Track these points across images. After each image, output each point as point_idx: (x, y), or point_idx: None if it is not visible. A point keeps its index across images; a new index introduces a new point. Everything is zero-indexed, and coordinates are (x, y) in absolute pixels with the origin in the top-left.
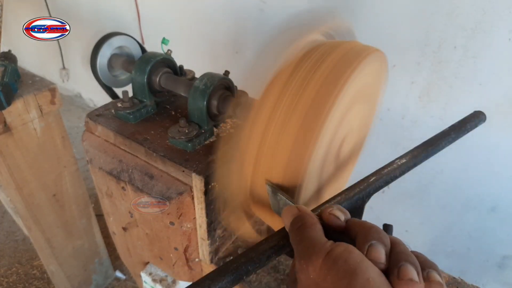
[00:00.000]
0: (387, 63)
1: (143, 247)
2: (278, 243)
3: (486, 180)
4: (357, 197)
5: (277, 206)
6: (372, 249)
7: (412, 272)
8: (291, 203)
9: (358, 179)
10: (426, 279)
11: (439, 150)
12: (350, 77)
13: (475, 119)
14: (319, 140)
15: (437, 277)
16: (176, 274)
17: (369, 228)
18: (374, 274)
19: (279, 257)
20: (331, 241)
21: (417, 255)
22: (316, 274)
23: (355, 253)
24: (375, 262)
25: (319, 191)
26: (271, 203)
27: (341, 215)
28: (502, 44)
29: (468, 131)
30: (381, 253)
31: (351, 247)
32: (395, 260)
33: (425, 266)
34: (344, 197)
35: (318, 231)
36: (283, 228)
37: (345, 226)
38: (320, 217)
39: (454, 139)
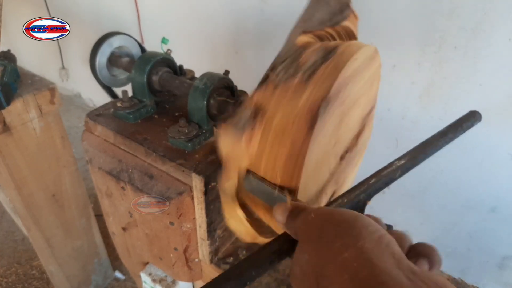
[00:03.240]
0: (373, 54)
1: (142, 247)
2: (281, 248)
3: (486, 180)
4: (358, 199)
5: (250, 186)
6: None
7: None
8: (261, 182)
9: (358, 180)
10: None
11: (436, 150)
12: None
13: (471, 118)
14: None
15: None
16: (176, 274)
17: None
18: (371, 221)
19: None
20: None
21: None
22: (317, 232)
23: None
24: None
25: (318, 192)
26: (245, 184)
27: None
28: (502, 44)
29: (464, 131)
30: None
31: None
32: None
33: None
34: (345, 199)
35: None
36: (285, 233)
37: None
38: None
39: (451, 139)
